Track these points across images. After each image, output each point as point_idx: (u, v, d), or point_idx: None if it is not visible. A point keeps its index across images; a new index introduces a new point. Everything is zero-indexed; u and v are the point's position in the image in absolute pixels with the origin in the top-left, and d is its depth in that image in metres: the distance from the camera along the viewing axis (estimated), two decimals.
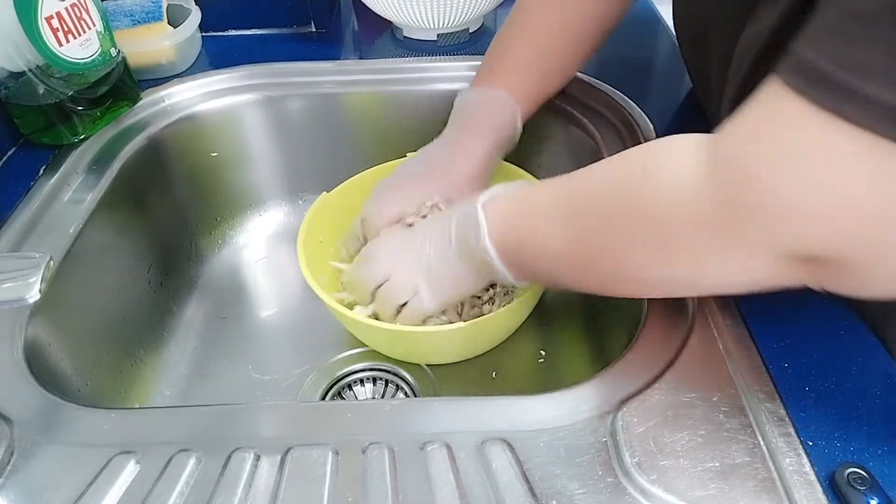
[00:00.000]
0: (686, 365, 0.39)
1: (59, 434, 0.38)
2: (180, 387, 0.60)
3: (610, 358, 0.41)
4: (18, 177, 0.57)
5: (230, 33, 0.78)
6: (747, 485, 0.33)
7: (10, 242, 0.50)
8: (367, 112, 0.70)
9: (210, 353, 0.63)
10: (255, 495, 0.34)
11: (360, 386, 0.60)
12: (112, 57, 0.61)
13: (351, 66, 0.71)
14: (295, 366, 0.61)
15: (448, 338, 0.50)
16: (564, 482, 0.34)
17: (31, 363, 0.42)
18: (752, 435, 0.35)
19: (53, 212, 0.54)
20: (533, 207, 0.42)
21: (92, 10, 0.58)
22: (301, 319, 0.66)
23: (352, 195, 0.61)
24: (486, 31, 0.78)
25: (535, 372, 0.59)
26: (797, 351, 0.39)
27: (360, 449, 0.36)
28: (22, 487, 0.35)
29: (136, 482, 0.35)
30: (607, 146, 0.58)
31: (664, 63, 0.72)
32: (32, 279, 0.38)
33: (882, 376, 0.39)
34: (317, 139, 0.72)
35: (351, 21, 0.82)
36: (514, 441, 0.36)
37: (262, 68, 0.70)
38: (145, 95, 0.66)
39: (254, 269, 0.72)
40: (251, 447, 0.36)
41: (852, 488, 0.32)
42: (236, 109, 0.68)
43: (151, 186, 0.64)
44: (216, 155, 0.69)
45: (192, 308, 0.67)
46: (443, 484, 0.34)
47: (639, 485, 0.33)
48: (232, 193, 0.73)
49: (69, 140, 0.60)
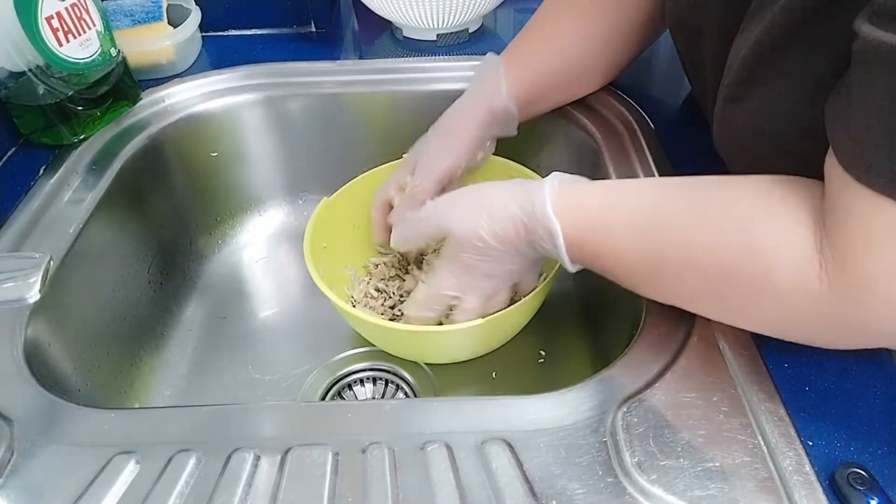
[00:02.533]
0: (686, 365, 0.39)
1: (59, 434, 0.38)
2: (180, 387, 0.60)
3: (610, 358, 0.41)
4: (18, 177, 0.57)
5: (230, 33, 0.78)
6: (747, 485, 0.33)
7: (10, 242, 0.50)
8: (367, 112, 0.70)
9: (210, 353, 0.63)
10: (255, 495, 0.34)
11: (360, 386, 0.60)
12: (112, 57, 0.61)
13: (351, 66, 0.71)
14: (295, 366, 0.61)
15: (459, 336, 0.50)
16: (564, 482, 0.34)
17: (31, 363, 0.42)
18: (752, 435, 0.35)
19: (53, 212, 0.54)
20: (611, 225, 0.41)
21: (92, 9, 0.58)
22: (301, 319, 0.66)
23: (352, 198, 0.61)
24: (485, 32, 0.78)
25: (535, 372, 0.59)
26: (797, 351, 0.39)
27: (360, 449, 0.36)
28: (22, 487, 0.35)
29: (136, 482, 0.35)
30: (607, 146, 0.58)
31: (664, 63, 0.72)
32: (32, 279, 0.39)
33: (882, 376, 0.39)
34: (317, 139, 0.72)
35: (351, 21, 0.82)
36: (514, 441, 0.36)
37: (262, 68, 0.70)
38: (145, 95, 0.66)
39: (254, 269, 0.72)
40: (251, 447, 0.36)
41: (852, 488, 0.32)
42: (236, 109, 0.68)
43: (151, 186, 0.64)
44: (216, 155, 0.69)
45: (192, 308, 0.67)
46: (443, 484, 0.34)
47: (639, 485, 0.33)
48: (232, 193, 0.73)
49: (69, 140, 0.60)
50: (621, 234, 0.40)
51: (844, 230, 0.31)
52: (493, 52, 0.58)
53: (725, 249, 0.35)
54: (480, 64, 0.57)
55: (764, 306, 0.35)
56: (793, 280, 0.33)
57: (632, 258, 0.40)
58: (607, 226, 0.40)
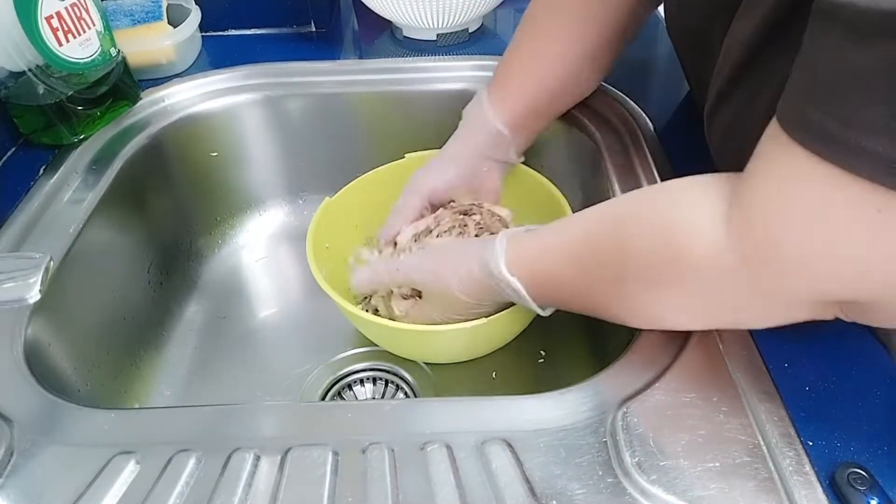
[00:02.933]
0: (686, 365, 0.39)
1: (59, 434, 0.38)
2: (180, 387, 0.60)
3: (610, 358, 0.41)
4: (18, 177, 0.57)
5: (230, 33, 0.78)
6: (747, 485, 0.33)
7: (10, 242, 0.50)
8: (367, 112, 0.70)
9: (210, 353, 0.63)
10: (255, 495, 0.34)
11: (360, 386, 0.60)
12: (112, 57, 0.61)
13: (351, 66, 0.71)
14: (295, 366, 0.61)
15: (460, 337, 0.50)
16: (564, 482, 0.34)
17: (31, 363, 0.42)
18: (752, 435, 0.35)
19: (53, 212, 0.54)
20: (554, 265, 0.43)
21: (92, 9, 0.58)
22: (301, 319, 0.66)
23: (354, 198, 0.61)
24: (485, 31, 0.78)
25: (535, 372, 0.59)
26: (797, 351, 0.39)
27: (360, 449, 0.36)
28: (22, 487, 0.35)
29: (136, 482, 0.35)
30: (607, 146, 0.58)
31: (664, 63, 0.72)
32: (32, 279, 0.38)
33: (882, 376, 0.39)
34: (317, 139, 0.72)
35: (351, 21, 0.82)
36: (514, 441, 0.36)
37: (262, 68, 0.70)
38: (145, 95, 0.66)
39: (254, 269, 0.72)
40: (251, 447, 0.36)
41: (852, 488, 0.32)
42: (236, 109, 0.68)
43: (151, 186, 0.64)
44: (216, 155, 0.69)
45: (192, 308, 0.67)
46: (443, 484, 0.34)
47: (639, 485, 0.33)
48: (232, 193, 0.73)
49: (69, 140, 0.60)
50: (565, 268, 0.42)
51: (751, 185, 0.31)
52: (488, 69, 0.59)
53: (646, 238, 0.36)
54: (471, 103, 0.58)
55: (688, 289, 0.36)
56: (707, 253, 0.33)
57: (579, 286, 0.42)
58: (553, 267, 0.42)
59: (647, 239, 0.36)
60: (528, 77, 0.56)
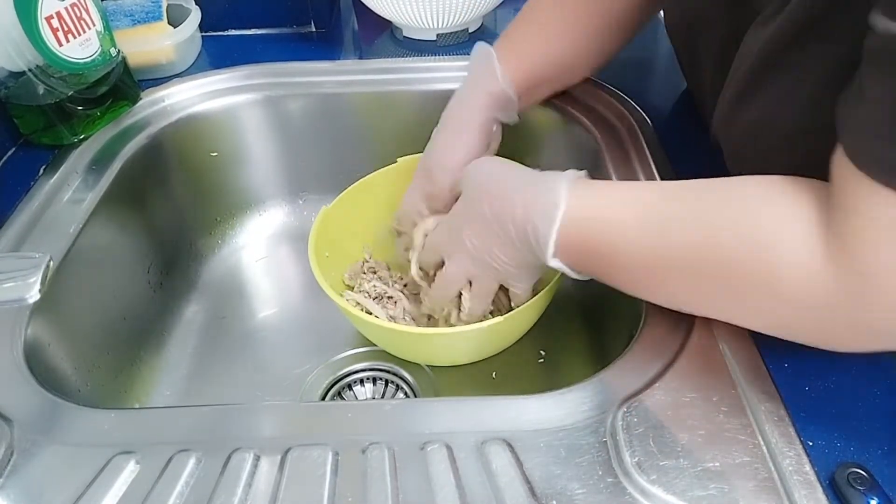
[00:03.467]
0: (686, 365, 0.39)
1: (59, 434, 0.38)
2: (180, 387, 0.60)
3: (610, 358, 0.41)
4: (18, 177, 0.57)
5: (230, 33, 0.78)
6: (747, 485, 0.33)
7: (10, 242, 0.50)
8: (367, 112, 0.70)
9: (210, 353, 0.63)
10: (255, 495, 0.34)
11: (360, 386, 0.60)
12: (112, 57, 0.61)
13: (351, 66, 0.71)
14: (295, 366, 0.61)
15: (462, 339, 0.50)
16: (564, 482, 0.34)
17: (31, 363, 0.42)
18: (752, 435, 0.35)
19: (53, 212, 0.54)
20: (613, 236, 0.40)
21: (92, 9, 0.58)
22: (301, 319, 0.66)
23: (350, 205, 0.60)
24: (485, 32, 0.78)
25: (535, 372, 0.59)
26: (797, 351, 0.39)
27: (360, 449, 0.36)
28: (22, 487, 0.35)
29: (136, 482, 0.35)
30: (607, 146, 0.58)
31: (664, 63, 0.72)
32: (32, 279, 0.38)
33: (882, 376, 0.39)
34: (317, 139, 0.72)
35: (351, 21, 0.82)
36: (514, 441, 0.36)
37: (262, 68, 0.70)
38: (145, 95, 0.66)
39: (254, 269, 0.72)
40: (251, 447, 0.36)
41: (852, 488, 0.32)
42: (236, 109, 0.68)
43: (151, 186, 0.64)
44: (216, 155, 0.69)
45: (192, 308, 0.67)
46: (443, 484, 0.34)
47: (639, 485, 0.33)
48: (232, 193, 0.73)
49: (69, 140, 0.60)
50: (626, 243, 0.40)
51: (849, 222, 0.31)
52: None
53: (728, 246, 0.35)
54: (472, 54, 0.56)
55: (770, 303, 0.35)
56: (797, 274, 0.33)
57: (636, 263, 0.40)
58: (611, 236, 0.40)
59: (730, 245, 0.35)
60: (540, 47, 0.56)
